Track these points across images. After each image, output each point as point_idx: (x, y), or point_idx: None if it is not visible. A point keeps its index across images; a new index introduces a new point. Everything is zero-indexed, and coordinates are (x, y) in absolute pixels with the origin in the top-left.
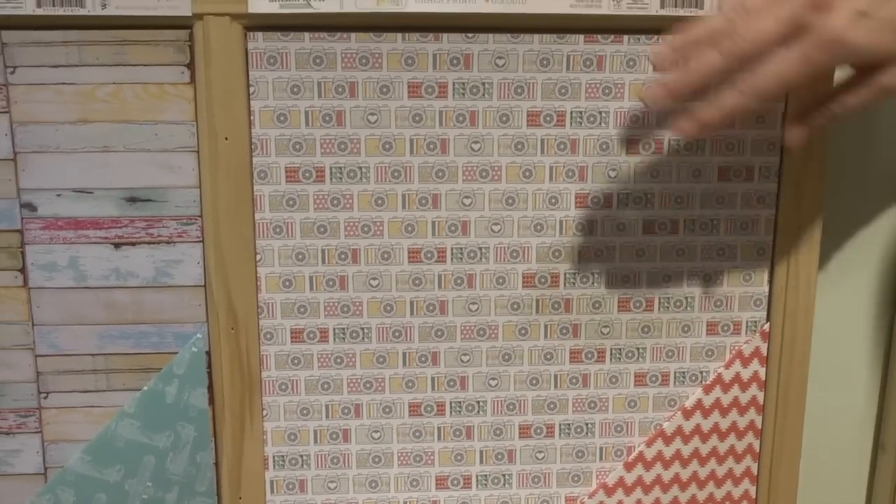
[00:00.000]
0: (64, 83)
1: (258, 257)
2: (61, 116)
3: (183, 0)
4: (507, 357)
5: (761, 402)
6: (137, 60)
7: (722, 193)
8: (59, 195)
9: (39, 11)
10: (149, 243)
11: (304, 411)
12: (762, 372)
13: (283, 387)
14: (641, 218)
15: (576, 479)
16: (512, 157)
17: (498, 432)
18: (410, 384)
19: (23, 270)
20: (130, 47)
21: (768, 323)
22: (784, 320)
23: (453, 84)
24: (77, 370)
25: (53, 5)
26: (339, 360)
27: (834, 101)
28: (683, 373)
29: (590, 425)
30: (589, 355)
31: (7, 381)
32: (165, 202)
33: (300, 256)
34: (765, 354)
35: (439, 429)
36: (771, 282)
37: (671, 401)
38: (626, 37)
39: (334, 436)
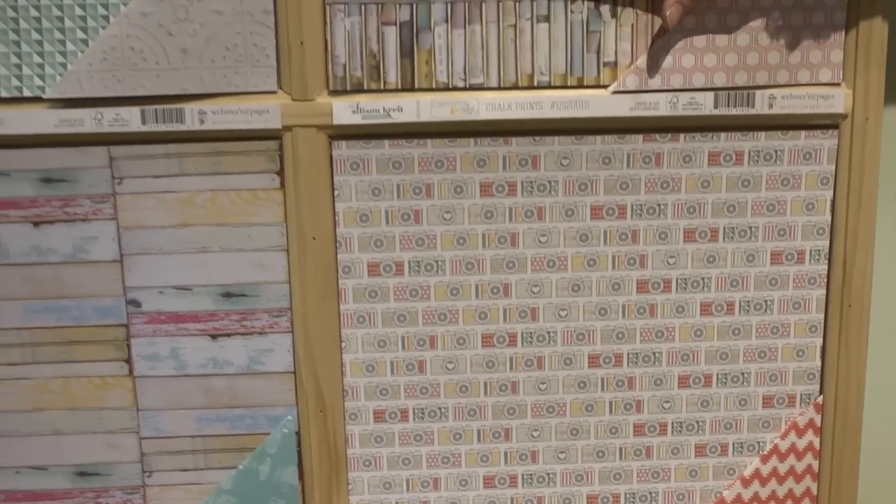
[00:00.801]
0: (166, 191)
1: (343, 345)
2: (163, 221)
3: (273, 115)
4: (574, 432)
5: (816, 471)
6: (232, 169)
7: (775, 276)
8: (161, 292)
9: (144, 128)
10: (243, 334)
11: (387, 485)
12: (816, 442)
13: (367, 463)
14: (699, 300)
15: None
16: (577, 248)
17: (567, 502)
18: (485, 459)
19: (129, 361)
20: (226, 157)
21: (821, 395)
22: (836, 393)
23: (522, 183)
24: (178, 451)
25: (156, 122)
26: (418, 438)
27: None
28: (741, 443)
29: (653, 493)
30: (651, 429)
31: (115, 461)
32: (258, 296)
33: (382, 343)
34: (819, 425)
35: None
36: (823, 356)
37: (730, 470)
38: (682, 135)
39: None
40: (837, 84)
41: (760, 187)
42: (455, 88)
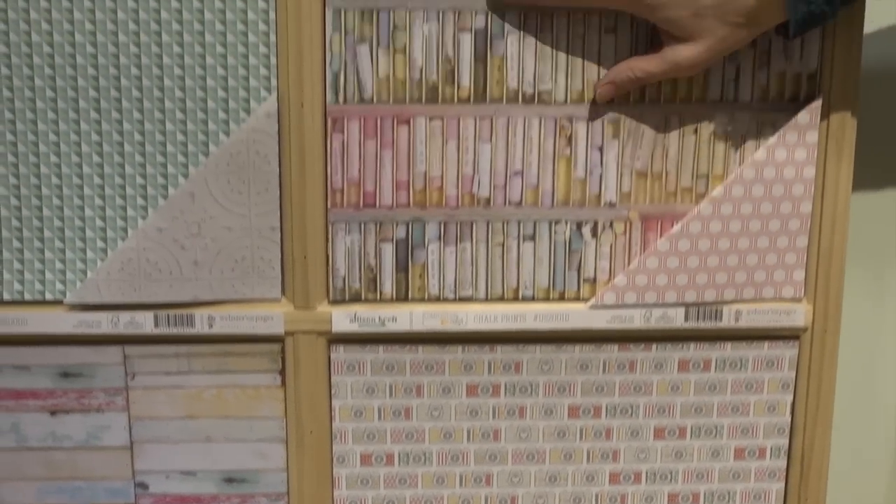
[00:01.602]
0: (175, 387)
1: None
2: (172, 413)
3: (277, 321)
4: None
5: None
6: (237, 368)
7: (738, 470)
8: (167, 476)
9: (157, 331)
10: None
11: None
12: None
13: None
14: (667, 492)
15: None
16: (554, 443)
17: None
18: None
19: None
20: (232, 358)
21: None
22: None
23: (505, 385)
24: None
25: (168, 326)
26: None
27: (636, 66)
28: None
29: None
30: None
31: None
32: (258, 482)
33: None
34: None
35: None
36: None
37: None
38: (654, 345)
39: None
40: (799, 300)
41: (726, 391)
42: (446, 300)
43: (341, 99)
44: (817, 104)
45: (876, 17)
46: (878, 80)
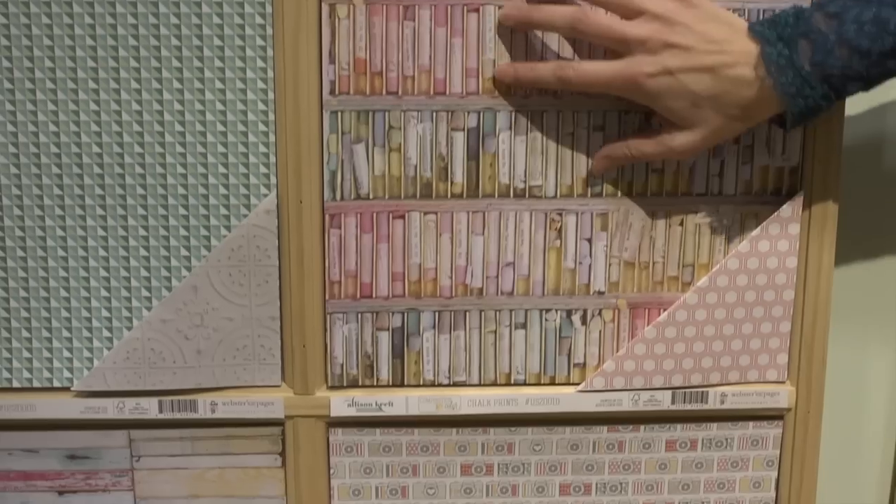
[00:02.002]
0: (179, 468)
1: None
2: (176, 493)
3: (277, 406)
4: None
5: None
6: (239, 450)
7: None
8: None
9: (161, 416)
10: None
11: None
12: None
13: None
14: None
15: None
16: None
17: None
18: None
19: None
20: (234, 440)
21: None
22: None
23: (498, 465)
24: None
25: (172, 411)
26: None
27: (632, 144)
28: None
29: None
30: None
31: None
32: None
33: None
34: None
35: None
36: None
37: None
38: (642, 426)
39: None
40: (783, 382)
41: (712, 469)
42: (440, 385)
43: (338, 196)
44: (799, 198)
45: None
46: (859, 150)
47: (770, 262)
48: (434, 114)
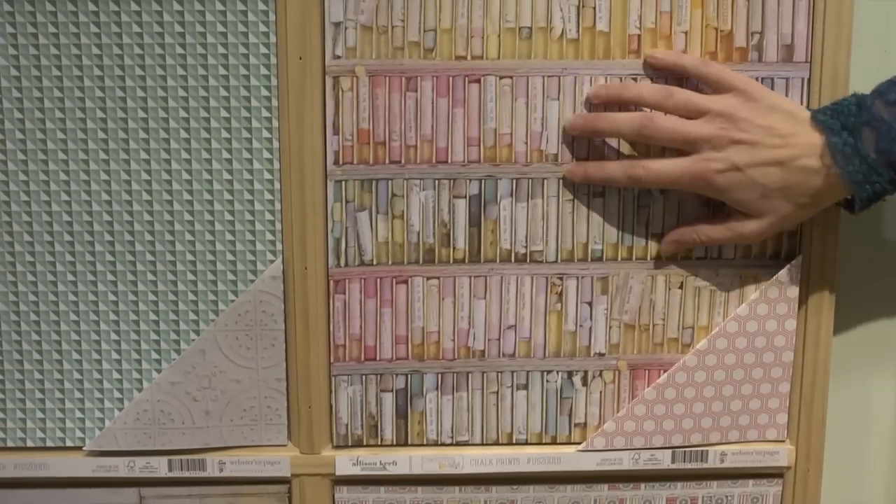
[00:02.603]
0: None
1: None
2: None
3: (284, 465)
4: None
5: None
6: None
7: None
8: None
9: (170, 474)
10: None
11: None
12: None
13: None
14: None
15: None
16: None
17: None
18: None
19: None
20: (242, 498)
21: None
22: None
23: None
24: None
25: (181, 470)
26: None
27: (701, 229)
28: None
29: None
30: None
31: None
32: None
33: None
34: None
35: None
36: None
37: None
38: (643, 484)
39: None
40: (782, 441)
41: None
42: (443, 445)
43: (343, 262)
44: (798, 261)
45: None
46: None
47: (769, 325)
48: (436, 182)
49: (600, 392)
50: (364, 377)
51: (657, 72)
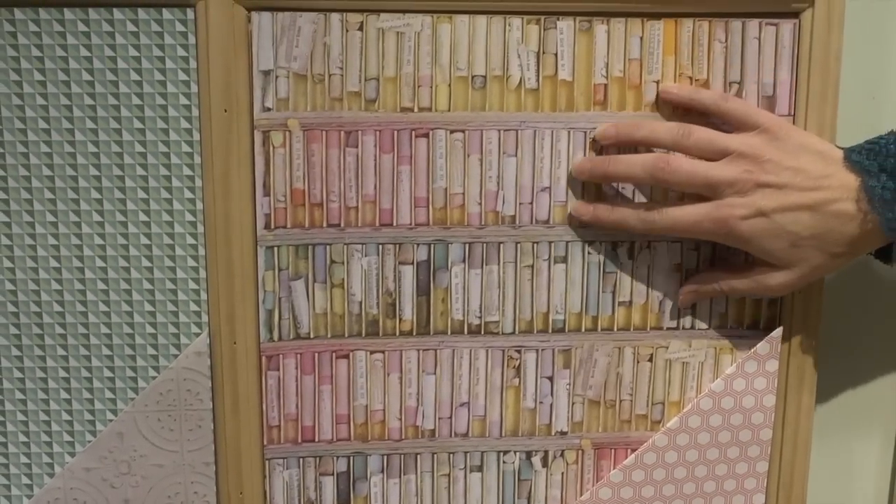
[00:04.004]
0: None
1: None
2: None
3: None
4: None
5: None
6: None
7: None
8: None
9: None
10: None
11: None
12: None
13: None
14: None
15: None
16: None
17: None
18: None
19: None
20: None
21: None
22: None
23: None
24: None
25: None
26: None
27: (723, 279)
28: None
29: None
30: None
31: None
32: None
33: None
34: None
35: None
36: None
37: None
38: None
39: None
40: None
41: None
42: None
43: (276, 336)
44: (778, 333)
45: None
46: (841, 281)
47: (746, 402)
48: (380, 246)
49: (562, 474)
50: (301, 460)
51: (673, 107)
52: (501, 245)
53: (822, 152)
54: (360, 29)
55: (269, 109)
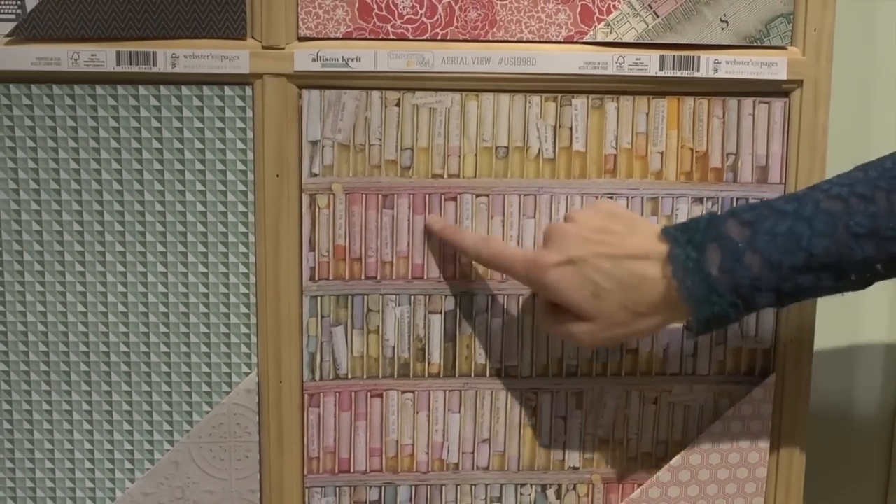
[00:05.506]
0: None
1: None
2: None
3: None
4: None
5: None
6: None
7: None
8: None
9: None
10: None
11: None
12: None
13: None
14: None
15: None
16: None
17: None
18: None
19: None
20: None
21: None
22: None
23: None
24: None
25: None
26: None
27: (540, 317)
28: None
29: None
30: None
31: None
32: None
33: None
34: None
35: None
36: None
37: None
38: None
39: None
40: None
41: None
42: None
43: (317, 376)
44: (771, 379)
45: None
46: (832, 326)
47: (742, 443)
48: (412, 297)
49: None
50: (338, 489)
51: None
52: (520, 297)
53: (635, 222)
54: (398, 105)
55: (315, 175)
